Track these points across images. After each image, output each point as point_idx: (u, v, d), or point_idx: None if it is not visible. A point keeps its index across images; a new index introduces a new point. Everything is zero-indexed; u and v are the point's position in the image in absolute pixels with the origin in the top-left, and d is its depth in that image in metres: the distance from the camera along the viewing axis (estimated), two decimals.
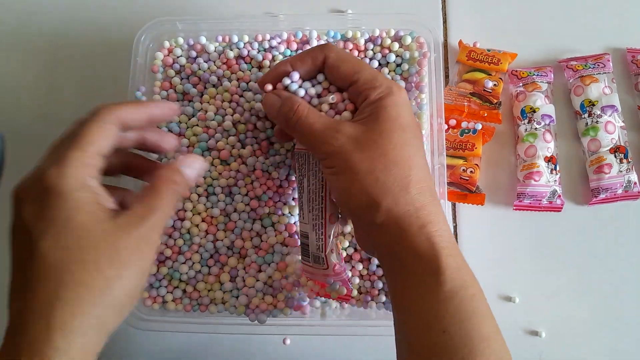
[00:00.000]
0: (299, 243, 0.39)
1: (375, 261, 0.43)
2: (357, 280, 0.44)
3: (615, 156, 0.47)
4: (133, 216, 0.27)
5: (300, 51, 0.43)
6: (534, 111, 0.48)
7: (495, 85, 0.50)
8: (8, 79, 0.53)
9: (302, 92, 0.35)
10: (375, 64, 0.46)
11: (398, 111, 0.32)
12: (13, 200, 0.28)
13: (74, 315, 0.24)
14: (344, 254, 0.44)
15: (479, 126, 0.49)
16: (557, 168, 0.48)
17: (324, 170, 0.34)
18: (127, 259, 0.26)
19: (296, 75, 0.34)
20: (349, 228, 0.43)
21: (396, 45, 0.46)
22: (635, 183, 0.47)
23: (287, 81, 0.35)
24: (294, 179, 0.44)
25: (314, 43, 0.46)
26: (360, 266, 0.44)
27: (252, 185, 0.44)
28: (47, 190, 0.26)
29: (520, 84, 0.50)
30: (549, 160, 0.47)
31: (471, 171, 0.47)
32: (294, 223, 0.44)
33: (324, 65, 0.34)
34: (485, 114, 0.49)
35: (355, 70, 0.33)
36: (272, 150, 0.44)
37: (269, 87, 0.35)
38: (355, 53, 0.46)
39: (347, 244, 0.44)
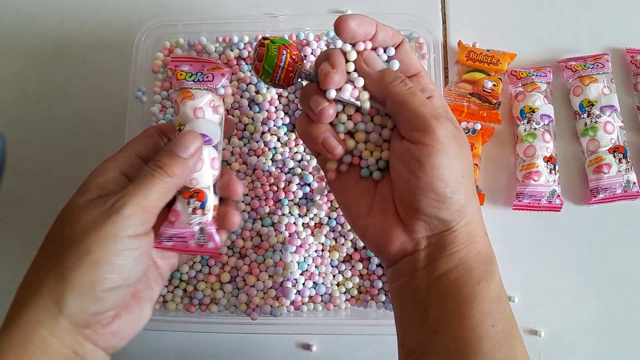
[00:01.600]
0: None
1: (376, 260, 0.43)
2: (357, 279, 0.44)
3: (614, 156, 0.47)
4: (107, 197, 0.29)
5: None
6: (533, 111, 0.48)
7: (494, 85, 0.50)
8: (8, 79, 0.53)
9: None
10: None
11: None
12: None
13: (30, 279, 0.29)
14: (345, 254, 0.44)
15: (479, 126, 0.49)
16: (556, 168, 0.48)
17: (420, 148, 0.30)
18: (78, 235, 0.28)
19: (392, 50, 0.33)
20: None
21: None
22: (634, 183, 0.47)
23: (384, 56, 0.33)
24: (293, 181, 0.44)
25: (313, 44, 0.46)
26: (360, 266, 0.44)
27: (252, 185, 0.44)
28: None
29: (520, 84, 0.50)
30: (548, 160, 0.47)
31: None
32: (294, 223, 0.44)
33: (397, 46, 0.34)
34: (485, 114, 0.49)
35: (421, 66, 0.34)
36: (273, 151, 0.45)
37: (362, 45, 0.32)
38: None
39: (349, 244, 0.44)
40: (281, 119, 0.46)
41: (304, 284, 0.43)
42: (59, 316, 0.27)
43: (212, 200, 0.32)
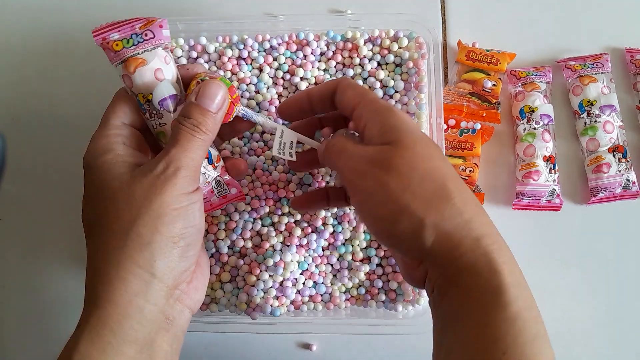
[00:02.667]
0: None
1: (376, 260, 0.43)
2: (357, 279, 0.44)
3: (613, 155, 0.47)
4: (148, 166, 0.30)
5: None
6: (533, 111, 0.48)
7: (494, 85, 0.50)
8: (8, 79, 0.53)
9: None
10: (375, 64, 0.46)
11: (408, 126, 0.30)
12: None
13: (106, 260, 0.29)
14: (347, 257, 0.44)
15: (478, 126, 0.49)
16: (556, 167, 0.48)
17: (353, 205, 0.31)
18: (142, 203, 0.29)
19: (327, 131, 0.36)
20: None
21: (395, 46, 0.46)
22: (633, 182, 0.47)
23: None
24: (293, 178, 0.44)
25: (313, 44, 0.46)
26: None
27: (252, 185, 0.44)
28: (84, 170, 0.32)
29: (519, 84, 0.50)
30: (547, 159, 0.48)
31: (470, 171, 0.48)
32: (294, 222, 0.44)
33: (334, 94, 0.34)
34: (484, 114, 0.49)
35: (360, 94, 0.33)
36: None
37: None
38: (355, 54, 0.46)
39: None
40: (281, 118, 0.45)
41: (304, 283, 0.43)
42: (152, 281, 0.28)
43: (214, 152, 0.34)
